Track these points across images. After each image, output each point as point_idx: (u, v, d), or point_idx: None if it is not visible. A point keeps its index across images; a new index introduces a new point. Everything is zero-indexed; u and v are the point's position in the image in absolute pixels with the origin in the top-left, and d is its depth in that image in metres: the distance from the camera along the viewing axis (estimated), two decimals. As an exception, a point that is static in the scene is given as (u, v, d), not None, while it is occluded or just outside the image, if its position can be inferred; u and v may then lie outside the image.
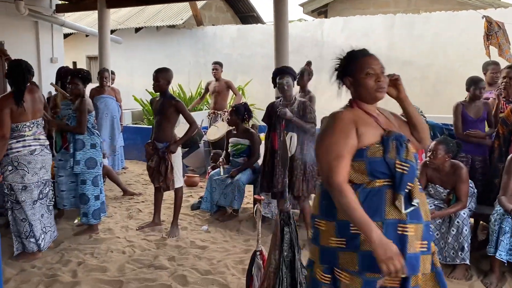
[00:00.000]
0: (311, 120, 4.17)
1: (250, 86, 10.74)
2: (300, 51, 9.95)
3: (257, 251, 2.22)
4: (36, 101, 3.89)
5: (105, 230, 4.66)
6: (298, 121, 4.11)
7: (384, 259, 1.63)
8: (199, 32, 12.23)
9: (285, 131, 4.11)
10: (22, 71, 3.75)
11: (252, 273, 2.24)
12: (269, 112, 4.30)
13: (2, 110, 3.60)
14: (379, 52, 8.44)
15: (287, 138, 4.09)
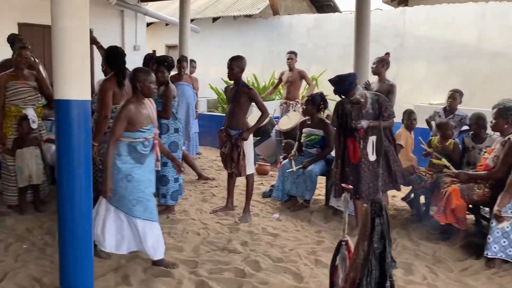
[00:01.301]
0: (389, 118, 3.95)
1: (325, 76, 10.56)
2: (379, 40, 9.59)
3: (342, 241, 2.16)
4: (129, 85, 4.09)
5: (181, 211, 4.82)
6: (377, 124, 3.88)
7: None
8: (274, 21, 12.22)
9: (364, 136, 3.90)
10: (122, 55, 3.98)
11: (336, 263, 2.19)
12: (339, 115, 4.05)
13: (106, 92, 3.84)
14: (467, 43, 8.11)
15: (369, 144, 3.88)
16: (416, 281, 3.32)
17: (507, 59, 8.52)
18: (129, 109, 3.24)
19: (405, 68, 9.58)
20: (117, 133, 3.22)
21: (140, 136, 3.30)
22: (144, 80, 3.30)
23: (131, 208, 3.29)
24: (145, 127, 3.31)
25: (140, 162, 3.32)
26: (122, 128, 3.22)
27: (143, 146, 3.32)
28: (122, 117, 3.21)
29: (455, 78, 8.70)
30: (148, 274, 3.34)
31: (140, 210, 3.31)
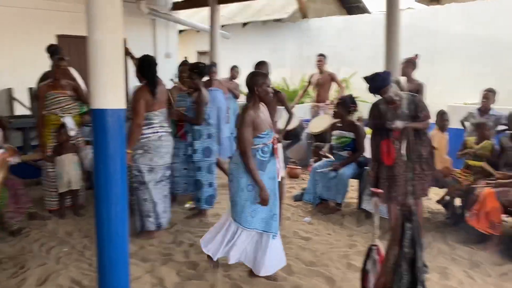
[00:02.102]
0: (425, 119, 3.85)
1: (355, 78, 10.46)
2: (411, 41, 9.39)
3: (373, 246, 2.15)
4: (162, 93, 4.21)
5: (214, 215, 4.89)
6: (412, 125, 3.79)
7: None
8: (303, 25, 12.21)
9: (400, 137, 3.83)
10: (154, 65, 4.10)
11: (366, 268, 2.18)
12: (374, 116, 3.99)
13: (138, 101, 3.97)
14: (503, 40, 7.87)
15: (403, 144, 3.78)
16: (452, 285, 3.26)
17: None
18: (250, 114, 3.13)
19: (439, 68, 9.37)
20: (249, 140, 3.10)
21: (259, 142, 3.18)
22: (262, 83, 3.18)
23: (250, 220, 3.19)
24: (263, 133, 3.19)
25: (261, 169, 3.18)
26: (250, 134, 3.10)
27: (262, 152, 3.20)
28: (247, 123, 3.10)
29: (492, 77, 8.43)
30: (181, 276, 3.41)
31: (258, 221, 3.22)
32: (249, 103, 3.22)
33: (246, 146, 3.10)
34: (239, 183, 3.18)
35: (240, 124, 3.15)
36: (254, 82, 3.19)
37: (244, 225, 3.21)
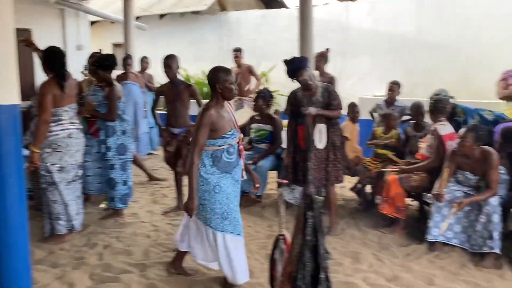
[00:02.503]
0: (338, 107, 4.02)
1: (274, 72, 10.64)
2: (325, 35, 9.75)
3: (280, 236, 2.19)
4: (72, 87, 3.96)
5: (130, 214, 4.72)
6: (324, 113, 3.94)
7: None
8: (222, 17, 12.16)
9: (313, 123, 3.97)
10: (61, 56, 3.83)
11: (274, 257, 2.22)
12: (291, 103, 4.12)
13: (45, 96, 3.68)
14: (407, 36, 8.39)
15: (316, 131, 3.96)
16: (363, 268, 3.42)
17: (444, 51, 8.92)
18: (210, 114, 2.88)
19: (350, 61, 9.82)
20: (201, 142, 2.89)
21: (224, 143, 2.96)
22: (224, 80, 2.93)
23: (222, 222, 2.98)
24: (228, 133, 2.97)
25: (226, 171, 3.00)
26: (205, 137, 2.89)
27: (228, 153, 2.99)
28: (204, 124, 2.86)
29: (398, 70, 9.01)
30: (95, 280, 3.25)
31: (231, 224, 3.00)
32: (211, 102, 2.98)
33: (195, 147, 2.89)
34: (205, 184, 2.97)
35: (197, 124, 2.92)
36: (216, 78, 2.94)
37: (217, 228, 2.98)
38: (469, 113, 4.35)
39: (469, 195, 3.68)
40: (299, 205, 1.88)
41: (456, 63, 8.82)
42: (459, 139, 3.65)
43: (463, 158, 3.73)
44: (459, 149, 3.66)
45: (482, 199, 3.55)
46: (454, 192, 3.74)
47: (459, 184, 3.83)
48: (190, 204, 2.91)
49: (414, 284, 3.17)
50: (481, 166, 3.65)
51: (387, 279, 3.26)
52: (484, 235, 3.51)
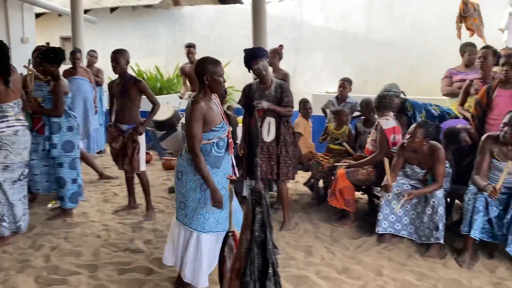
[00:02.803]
0: (289, 104, 4.06)
1: (229, 67, 10.60)
2: (279, 32, 9.84)
3: (229, 232, 2.19)
4: (16, 81, 3.77)
5: (80, 214, 4.57)
6: (276, 108, 3.99)
7: None
8: (176, 12, 11.98)
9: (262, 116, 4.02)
10: (4, 50, 3.64)
11: (224, 254, 2.21)
12: (245, 95, 4.18)
13: None
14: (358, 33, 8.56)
15: (265, 123, 4.01)
16: (315, 262, 3.48)
17: (394, 49, 9.23)
18: (201, 106, 2.76)
19: (304, 58, 9.95)
20: (199, 136, 2.75)
21: (214, 136, 2.85)
22: (212, 72, 2.80)
23: (204, 222, 2.83)
24: (218, 125, 2.85)
25: (216, 166, 2.87)
26: (200, 129, 2.75)
27: (217, 147, 2.87)
28: (197, 117, 2.74)
29: (349, 67, 9.23)
30: (40, 283, 3.12)
31: (213, 223, 2.86)
32: (199, 94, 2.85)
33: (195, 143, 2.75)
34: (191, 182, 2.84)
35: (189, 118, 2.78)
36: (204, 70, 2.81)
37: (198, 229, 2.84)
38: (417, 108, 4.52)
39: (417, 188, 3.83)
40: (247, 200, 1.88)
41: (405, 60, 9.16)
42: (409, 134, 3.77)
43: (411, 153, 3.86)
44: (408, 144, 3.79)
45: (429, 191, 3.70)
46: (402, 185, 3.88)
47: (407, 177, 3.97)
48: (216, 197, 2.77)
49: (364, 275, 3.26)
50: (428, 160, 3.80)
51: (338, 271, 3.34)
52: (431, 226, 3.66)
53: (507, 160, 3.44)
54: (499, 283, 3.18)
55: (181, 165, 2.89)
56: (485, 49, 4.49)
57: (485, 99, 4.03)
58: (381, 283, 3.12)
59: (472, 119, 4.16)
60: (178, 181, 2.91)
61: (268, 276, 1.75)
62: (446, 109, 4.62)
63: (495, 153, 3.49)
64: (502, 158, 3.46)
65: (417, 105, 4.53)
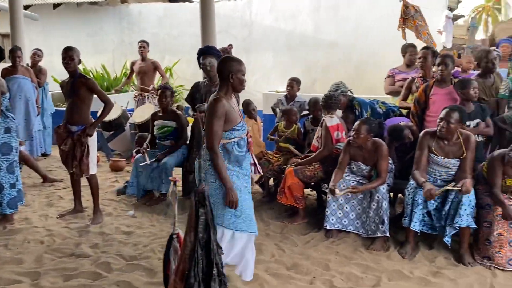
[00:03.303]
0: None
1: (178, 66, 10.50)
2: (229, 31, 9.86)
3: (173, 234, 2.18)
4: None
5: (22, 219, 4.37)
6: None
7: None
8: (123, 9, 11.69)
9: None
10: None
11: (169, 257, 2.20)
12: (192, 93, 4.22)
13: None
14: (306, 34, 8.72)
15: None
16: (265, 259, 3.53)
17: (340, 49, 9.49)
18: (223, 104, 2.71)
19: (254, 57, 10.01)
20: (219, 134, 2.71)
21: (235, 135, 2.81)
22: (237, 71, 2.76)
23: (236, 220, 2.80)
24: (238, 124, 2.82)
25: (238, 165, 2.85)
26: (220, 127, 2.70)
27: (238, 146, 2.83)
28: (219, 114, 2.68)
29: (298, 67, 9.39)
30: (-22, 295, 2.97)
31: (246, 221, 2.85)
32: (220, 92, 2.81)
33: (214, 141, 2.72)
34: (215, 181, 2.79)
35: (210, 115, 2.73)
36: (229, 68, 2.77)
37: (231, 227, 2.82)
38: (364, 106, 4.68)
39: (362, 184, 3.96)
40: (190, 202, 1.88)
41: (351, 60, 9.43)
42: (353, 131, 3.90)
43: (356, 149, 4.00)
44: (353, 140, 3.92)
45: (373, 187, 3.84)
46: (349, 182, 4.00)
47: (353, 173, 4.10)
48: (231, 196, 2.74)
49: (312, 270, 3.34)
50: (372, 157, 3.95)
51: (287, 267, 3.40)
52: (377, 220, 3.80)
53: (444, 154, 3.64)
54: (438, 272, 3.36)
55: (203, 167, 2.84)
56: (425, 49, 4.72)
57: (423, 97, 4.24)
58: (328, 277, 3.21)
59: (412, 117, 4.36)
60: (203, 182, 2.81)
61: (213, 276, 1.76)
62: (391, 106, 4.81)
63: (433, 148, 3.67)
64: (439, 152, 3.66)
65: (364, 104, 4.69)
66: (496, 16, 28.26)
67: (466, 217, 3.44)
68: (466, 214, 3.44)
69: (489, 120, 4.04)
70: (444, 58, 4.16)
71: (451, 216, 3.50)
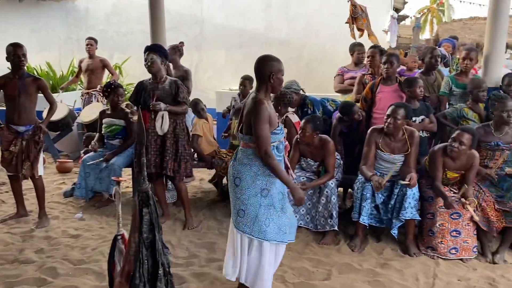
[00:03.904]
0: (183, 100, 4.09)
1: (128, 64, 10.25)
2: (179, 28, 9.73)
3: (118, 235, 2.12)
4: None
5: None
6: (172, 109, 4.02)
7: None
8: (69, 5, 11.26)
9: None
10: None
11: (114, 258, 2.14)
12: (137, 91, 4.14)
13: None
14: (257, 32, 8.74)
15: (158, 116, 3.98)
16: (218, 258, 3.51)
17: (291, 47, 9.60)
18: (266, 107, 2.56)
19: (206, 55, 9.95)
20: (268, 138, 2.55)
21: (275, 139, 2.66)
22: (278, 71, 2.62)
23: (265, 230, 2.64)
24: (278, 128, 2.68)
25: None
26: (268, 131, 2.56)
27: (277, 150, 2.68)
28: (265, 118, 2.53)
29: (251, 64, 9.37)
30: None
31: (274, 231, 2.68)
32: (259, 93, 2.65)
33: (267, 145, 2.56)
34: (251, 187, 2.64)
35: (257, 120, 2.56)
36: (270, 68, 2.63)
37: (260, 237, 2.67)
38: (316, 104, 4.76)
39: (311, 179, 4.03)
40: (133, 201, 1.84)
41: (302, 58, 9.58)
42: (300, 129, 3.96)
43: (305, 146, 4.06)
44: (301, 138, 3.98)
45: (322, 182, 3.92)
46: (299, 178, 4.06)
47: (303, 170, 4.17)
48: (298, 194, 2.67)
49: (265, 267, 3.36)
50: (320, 153, 4.02)
51: (239, 265, 3.39)
52: (326, 215, 3.88)
53: (390, 150, 3.77)
54: (385, 263, 3.48)
55: (239, 170, 2.69)
56: (373, 48, 4.87)
57: (370, 95, 4.37)
58: (280, 273, 3.24)
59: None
60: (236, 187, 2.69)
61: (159, 276, 1.73)
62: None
63: (380, 144, 3.80)
64: (386, 149, 3.78)
65: (316, 102, 4.77)
66: (440, 17, 29.66)
67: (411, 210, 3.58)
68: (411, 207, 3.58)
69: (433, 117, 4.22)
70: (390, 57, 4.31)
71: (397, 209, 3.64)
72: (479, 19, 13.80)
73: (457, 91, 4.45)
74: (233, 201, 2.73)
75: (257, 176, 2.64)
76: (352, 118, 4.28)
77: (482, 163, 3.79)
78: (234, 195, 2.72)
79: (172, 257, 3.43)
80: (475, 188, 3.70)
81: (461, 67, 4.50)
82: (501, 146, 3.76)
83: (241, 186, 2.66)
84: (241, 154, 2.71)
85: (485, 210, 3.62)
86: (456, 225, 3.58)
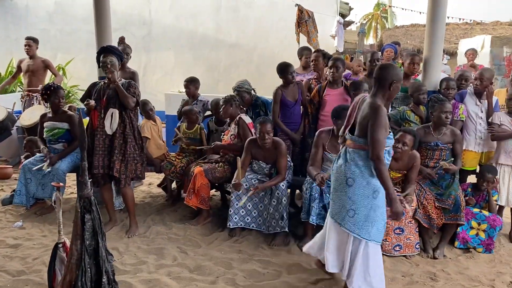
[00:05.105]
0: (134, 95, 3.99)
1: (73, 65, 9.87)
2: (127, 28, 9.49)
3: (59, 243, 2.03)
4: None
5: None
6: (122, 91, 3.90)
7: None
8: (7, 2, 10.69)
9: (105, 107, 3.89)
10: None
11: (54, 267, 2.05)
12: (89, 92, 4.02)
13: None
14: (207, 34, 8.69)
15: (108, 114, 3.87)
16: (167, 263, 3.45)
17: (241, 50, 9.65)
18: (385, 113, 2.66)
19: (155, 57, 9.78)
20: (384, 142, 2.66)
21: (389, 144, 2.77)
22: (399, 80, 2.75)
23: (371, 230, 2.75)
24: (390, 134, 2.78)
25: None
26: (384, 136, 2.66)
27: (388, 155, 2.78)
28: (384, 124, 2.64)
29: (200, 67, 9.37)
30: None
31: (377, 231, 2.78)
32: (377, 98, 2.73)
33: (381, 150, 2.64)
34: (364, 189, 2.73)
35: (376, 125, 2.63)
36: (392, 76, 2.72)
37: (366, 237, 2.76)
38: (267, 105, 4.79)
39: (263, 181, 4.06)
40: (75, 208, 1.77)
41: (252, 61, 9.64)
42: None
43: (257, 149, 4.08)
44: (262, 143, 3.99)
45: (273, 184, 3.95)
46: (251, 180, 4.07)
47: (254, 172, 4.19)
48: (396, 208, 2.71)
49: (215, 270, 3.34)
50: (272, 155, 4.06)
51: (190, 270, 3.35)
52: (277, 216, 3.91)
53: (337, 152, 3.85)
54: (334, 262, 3.55)
55: (353, 171, 2.76)
56: (316, 52, 4.98)
57: (317, 98, 4.47)
58: (230, 276, 3.23)
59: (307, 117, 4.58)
60: (348, 187, 2.77)
61: (103, 285, 1.67)
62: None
63: (327, 146, 3.88)
64: (332, 150, 3.87)
65: (267, 103, 4.82)
66: (384, 23, 30.88)
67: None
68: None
69: None
70: (335, 61, 4.42)
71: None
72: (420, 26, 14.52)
73: (399, 95, 4.63)
74: (342, 200, 2.81)
75: (371, 178, 2.75)
76: (287, 78, 4.46)
77: (423, 162, 3.97)
78: (344, 194, 2.80)
79: (119, 264, 3.34)
80: (416, 187, 3.86)
81: (407, 71, 4.67)
82: (440, 146, 3.95)
83: (354, 186, 2.76)
84: (354, 155, 2.80)
85: (426, 208, 3.79)
86: (399, 223, 3.72)
